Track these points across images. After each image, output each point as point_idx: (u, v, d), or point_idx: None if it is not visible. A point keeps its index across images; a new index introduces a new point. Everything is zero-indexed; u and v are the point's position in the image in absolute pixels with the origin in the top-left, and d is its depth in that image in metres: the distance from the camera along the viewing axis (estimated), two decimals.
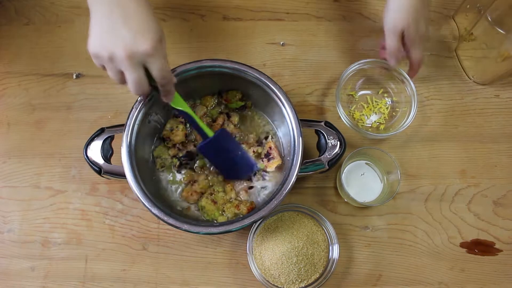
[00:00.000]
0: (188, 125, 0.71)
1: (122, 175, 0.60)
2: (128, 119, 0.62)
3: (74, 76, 0.78)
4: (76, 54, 0.79)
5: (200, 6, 0.82)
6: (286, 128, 0.64)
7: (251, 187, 0.69)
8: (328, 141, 0.64)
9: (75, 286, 0.69)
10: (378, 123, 0.75)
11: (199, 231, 0.58)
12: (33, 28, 0.81)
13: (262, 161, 0.68)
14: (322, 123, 0.65)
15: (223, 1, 0.83)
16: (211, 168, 0.70)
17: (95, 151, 0.63)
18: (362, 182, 0.72)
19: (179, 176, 0.70)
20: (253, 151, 0.68)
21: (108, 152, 0.64)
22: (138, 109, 0.62)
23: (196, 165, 0.70)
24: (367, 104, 0.76)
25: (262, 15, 0.82)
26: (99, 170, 0.63)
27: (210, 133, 0.63)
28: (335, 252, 0.66)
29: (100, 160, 0.63)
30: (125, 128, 0.62)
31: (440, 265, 0.70)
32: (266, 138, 0.70)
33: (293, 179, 0.60)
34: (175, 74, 0.63)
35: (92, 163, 0.63)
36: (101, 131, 0.64)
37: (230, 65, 0.64)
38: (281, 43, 0.80)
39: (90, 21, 0.50)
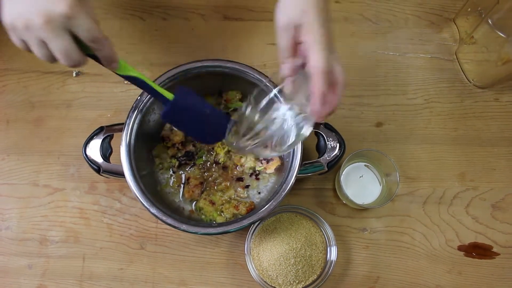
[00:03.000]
0: None
1: (121, 174, 0.60)
2: (127, 118, 0.62)
3: (74, 74, 0.78)
4: None
5: (201, 5, 0.82)
6: None
7: (247, 186, 0.69)
8: (327, 142, 0.64)
9: (72, 285, 0.69)
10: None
11: (197, 231, 0.58)
12: None
13: (261, 163, 0.68)
14: (322, 125, 0.65)
15: (224, 1, 0.82)
16: (207, 164, 0.70)
17: (94, 149, 0.63)
18: (360, 184, 0.72)
19: (171, 182, 0.69)
20: None
21: (107, 151, 0.64)
22: (137, 108, 0.62)
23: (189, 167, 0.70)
24: None
25: (263, 16, 0.82)
26: (98, 168, 0.62)
27: (169, 96, 0.55)
28: (333, 253, 0.66)
29: (99, 159, 0.63)
30: (124, 127, 0.61)
31: (437, 268, 0.70)
32: None
33: (292, 180, 0.60)
34: (176, 74, 0.63)
35: (91, 162, 0.63)
36: (101, 129, 0.64)
37: (230, 66, 0.64)
38: None
39: None
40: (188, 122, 0.57)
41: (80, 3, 0.44)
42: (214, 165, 0.70)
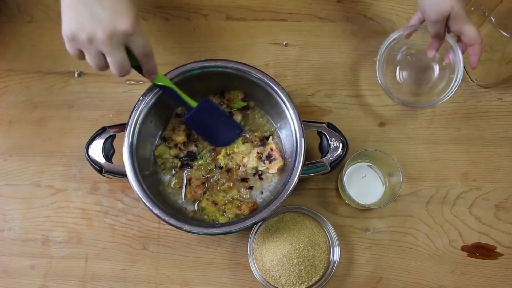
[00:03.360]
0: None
1: (123, 175, 0.60)
2: (129, 118, 0.62)
3: (76, 75, 0.78)
4: None
5: (203, 5, 0.82)
6: (289, 129, 0.64)
7: (251, 187, 0.69)
8: (330, 142, 0.64)
9: (75, 285, 0.69)
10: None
11: (199, 231, 0.58)
12: (36, 25, 0.81)
13: (264, 163, 0.68)
14: (325, 125, 0.65)
15: (226, 0, 0.82)
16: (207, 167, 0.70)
17: (96, 150, 0.63)
18: (363, 184, 0.72)
19: (173, 182, 0.69)
20: (257, 152, 0.68)
21: (109, 151, 0.64)
22: (140, 108, 0.62)
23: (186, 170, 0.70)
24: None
25: (265, 15, 0.82)
26: (100, 169, 0.62)
27: (194, 104, 0.63)
28: (336, 254, 0.66)
29: (101, 159, 0.62)
30: (126, 128, 0.61)
31: (441, 268, 0.70)
32: (268, 138, 0.70)
33: (295, 180, 0.59)
34: (178, 74, 0.63)
35: (93, 162, 0.63)
36: (103, 130, 0.64)
37: (232, 65, 0.64)
38: (284, 43, 0.80)
39: (61, 6, 0.48)
40: (205, 127, 0.67)
41: (138, 22, 0.49)
42: (217, 168, 0.69)
